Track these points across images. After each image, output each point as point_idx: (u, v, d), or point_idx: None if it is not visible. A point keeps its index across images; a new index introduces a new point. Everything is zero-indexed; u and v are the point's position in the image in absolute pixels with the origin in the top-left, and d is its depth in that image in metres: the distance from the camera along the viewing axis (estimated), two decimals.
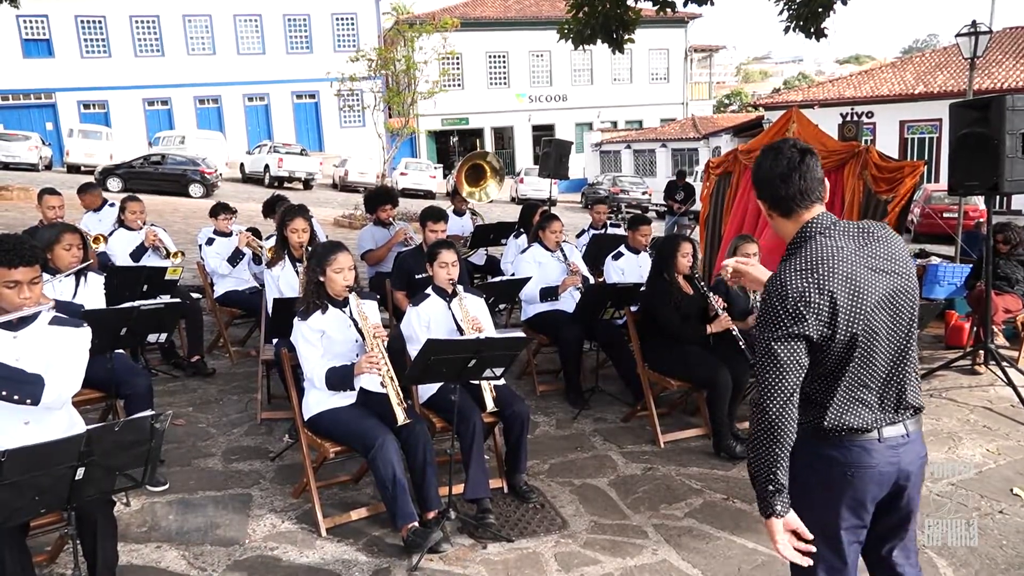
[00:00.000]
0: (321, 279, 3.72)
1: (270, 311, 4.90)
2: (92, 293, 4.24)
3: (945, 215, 15.73)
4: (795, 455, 2.06)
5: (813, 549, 2.05)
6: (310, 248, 4.73)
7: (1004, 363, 5.77)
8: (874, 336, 2.03)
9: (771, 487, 2.02)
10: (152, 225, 6.37)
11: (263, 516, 3.81)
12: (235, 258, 6.25)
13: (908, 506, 2.17)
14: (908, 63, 27.67)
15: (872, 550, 2.24)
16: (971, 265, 7.52)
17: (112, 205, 6.95)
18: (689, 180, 15.30)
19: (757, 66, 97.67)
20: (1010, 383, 5.56)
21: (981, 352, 6.17)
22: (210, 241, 6.42)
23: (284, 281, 4.99)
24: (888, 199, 6.47)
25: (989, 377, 6.05)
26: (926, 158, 23.32)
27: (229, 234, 6.45)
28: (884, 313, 2.05)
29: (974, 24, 10.46)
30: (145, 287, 5.47)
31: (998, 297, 6.37)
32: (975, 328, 6.63)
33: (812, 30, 10.25)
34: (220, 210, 6.56)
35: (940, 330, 7.37)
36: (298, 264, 4.98)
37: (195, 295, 6.82)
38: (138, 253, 6.02)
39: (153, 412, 2.51)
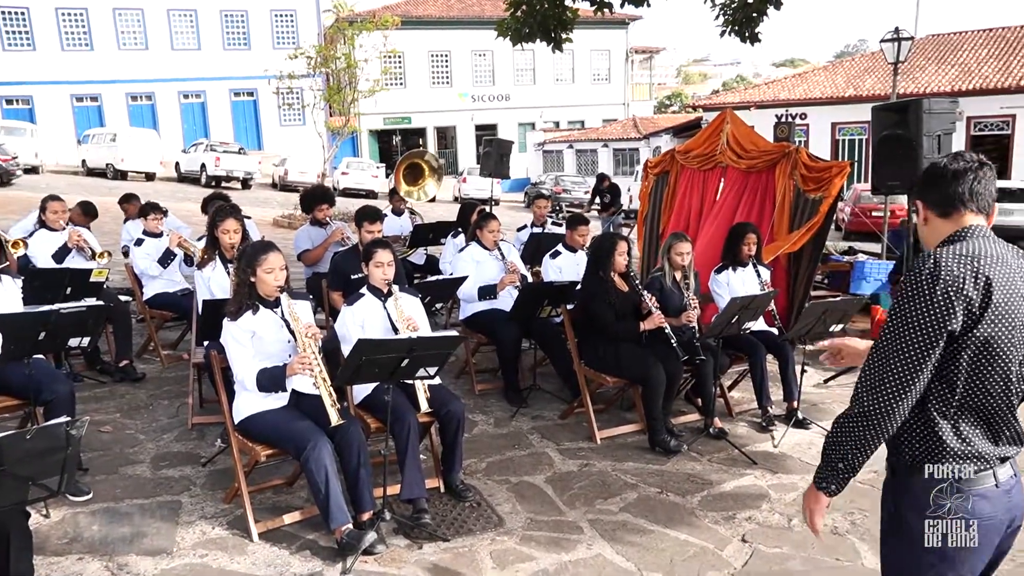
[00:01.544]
0: (252, 280, 3.65)
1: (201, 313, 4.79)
2: (7, 297, 4.07)
3: (873, 213, 16.33)
4: (910, 505, 1.95)
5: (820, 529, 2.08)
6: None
7: None
8: (1010, 350, 1.88)
9: (843, 466, 1.95)
10: (75, 225, 6.16)
11: (193, 523, 3.71)
12: (166, 259, 6.08)
13: (1004, 549, 2.05)
14: (839, 67, 28.61)
15: None
16: (895, 261, 7.83)
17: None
18: (614, 181, 15.58)
19: (697, 68, 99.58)
20: None
21: None
22: (139, 242, 6.24)
23: (215, 282, 4.89)
24: (817, 198, 6.67)
25: None
26: (856, 159, 24.16)
27: (159, 234, 6.28)
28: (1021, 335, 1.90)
29: (897, 31, 10.90)
30: (69, 289, 5.28)
31: None
32: None
33: (747, 34, 10.50)
34: (149, 210, 6.38)
35: (867, 324, 7.65)
36: (229, 265, 4.87)
37: (124, 298, 6.62)
38: (61, 254, 5.81)
39: (69, 419, 2.41)
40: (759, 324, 5.33)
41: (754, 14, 10.21)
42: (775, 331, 5.48)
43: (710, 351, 4.86)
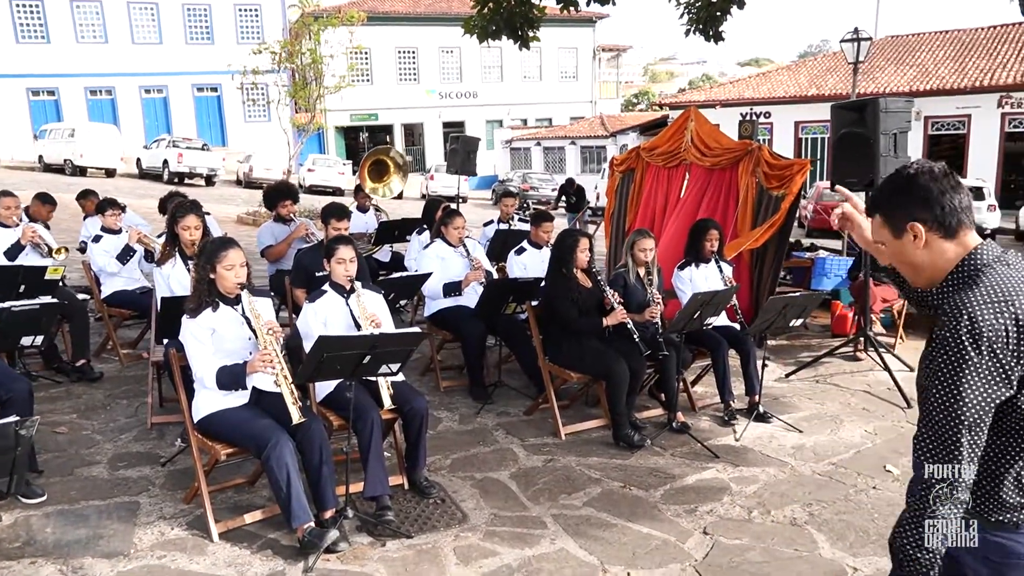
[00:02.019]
0: (212, 276, 3.61)
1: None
2: None
3: (835, 211, 16.64)
4: (967, 551, 1.75)
5: None
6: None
7: (881, 349, 6.16)
8: None
9: (929, 567, 1.69)
10: (36, 216, 6.04)
11: (152, 524, 3.65)
12: (125, 256, 5.98)
13: None
14: (802, 66, 29.07)
15: None
16: (854, 258, 7.98)
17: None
18: (580, 183, 16.25)
19: (664, 67, 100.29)
20: (886, 368, 5.93)
21: (862, 339, 6.56)
22: (97, 238, 6.11)
23: (175, 279, 4.82)
24: (779, 195, 6.78)
25: (869, 363, 6.43)
26: (819, 156, 24.58)
27: (118, 231, 6.17)
28: None
29: (856, 31, 11.10)
30: (23, 287, 5.16)
31: (877, 288, 6.77)
32: (857, 317, 7.03)
33: (711, 33, 10.61)
34: (107, 206, 6.26)
35: (827, 320, 7.79)
36: (190, 262, 4.80)
37: (81, 296, 6.49)
38: (14, 252, 5.67)
39: (17, 418, 2.36)
40: (721, 319, 5.39)
41: (718, 13, 10.32)
42: (737, 326, 5.55)
43: (673, 346, 4.91)
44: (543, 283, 5.17)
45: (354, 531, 3.61)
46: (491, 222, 8.05)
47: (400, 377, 3.90)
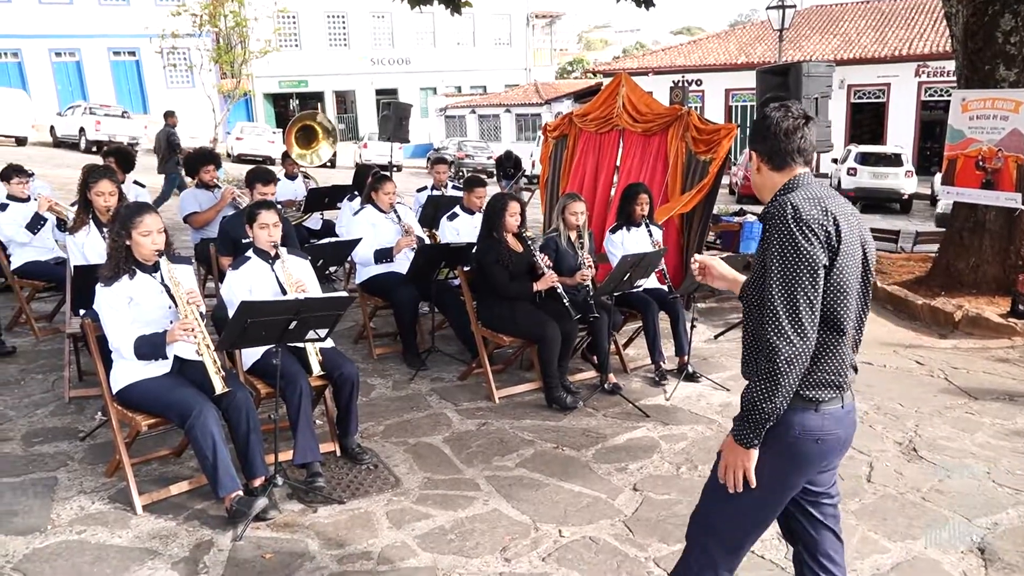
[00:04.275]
0: (127, 243, 3.46)
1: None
2: None
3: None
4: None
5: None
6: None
7: None
8: (851, 284, 2.05)
9: (769, 417, 1.99)
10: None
11: (70, 499, 3.53)
12: (35, 224, 5.70)
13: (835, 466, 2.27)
14: (732, 35, 29.45)
15: (809, 509, 2.28)
16: None
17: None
18: (517, 155, 17.08)
19: (598, 34, 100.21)
20: None
21: None
22: (3, 207, 5.79)
23: (90, 248, 4.62)
24: (707, 159, 6.89)
25: None
26: (749, 123, 25.07)
27: (26, 199, 5.86)
28: (858, 265, 2.08)
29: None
30: None
31: None
32: None
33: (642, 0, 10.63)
34: (12, 173, 5.93)
35: None
36: (105, 229, 4.61)
37: None
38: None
39: None
40: (651, 282, 5.48)
41: None
42: (666, 288, 5.65)
43: (604, 309, 4.96)
44: (475, 248, 5.14)
45: (285, 499, 3.57)
46: (424, 188, 7.96)
47: (329, 343, 3.84)
